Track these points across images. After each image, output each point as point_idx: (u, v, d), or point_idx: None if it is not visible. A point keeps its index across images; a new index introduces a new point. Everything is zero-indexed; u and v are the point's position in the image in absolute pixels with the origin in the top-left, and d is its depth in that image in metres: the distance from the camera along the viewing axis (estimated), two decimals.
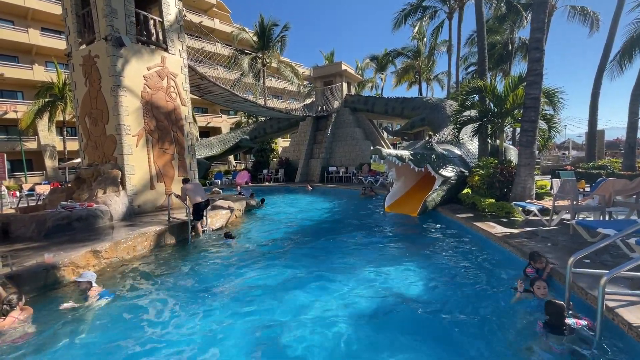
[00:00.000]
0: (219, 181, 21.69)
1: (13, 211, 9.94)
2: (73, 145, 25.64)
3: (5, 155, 10.09)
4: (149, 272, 5.51)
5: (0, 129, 27.64)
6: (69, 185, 10.51)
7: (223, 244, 7.16)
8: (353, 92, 24.77)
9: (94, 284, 4.48)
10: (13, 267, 4.73)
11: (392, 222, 8.93)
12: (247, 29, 30.90)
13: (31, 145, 27.39)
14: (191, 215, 7.52)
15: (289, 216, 10.67)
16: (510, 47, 23.95)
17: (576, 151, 36.41)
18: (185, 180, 8.42)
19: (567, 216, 6.18)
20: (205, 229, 7.96)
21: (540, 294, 3.65)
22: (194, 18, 31.85)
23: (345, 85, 23.00)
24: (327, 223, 9.39)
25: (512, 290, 4.09)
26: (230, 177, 23.15)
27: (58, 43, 27.77)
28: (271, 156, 25.26)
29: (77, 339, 3.52)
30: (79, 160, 12.46)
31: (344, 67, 22.59)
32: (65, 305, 4.13)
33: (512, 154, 11.90)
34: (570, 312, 3.25)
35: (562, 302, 3.12)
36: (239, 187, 16.80)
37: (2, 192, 12.91)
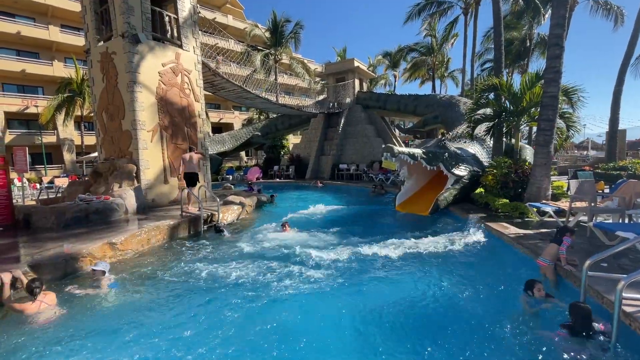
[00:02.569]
0: (231, 177, 21.94)
1: (34, 203, 10.32)
2: (90, 139, 26.37)
3: (26, 148, 10.43)
4: (161, 265, 5.63)
5: (22, 123, 28.62)
6: (86, 178, 10.83)
7: (235, 239, 7.25)
8: (365, 89, 24.59)
9: (107, 273, 4.70)
10: (34, 257, 4.93)
11: (403, 221, 8.86)
12: (260, 26, 30.99)
13: (51, 139, 28.29)
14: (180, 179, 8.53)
15: (298, 212, 10.70)
16: (528, 44, 23.27)
17: (595, 151, 35.30)
18: (190, 149, 9.02)
19: (585, 218, 6.02)
20: (219, 224, 8.07)
21: (540, 295, 3.71)
22: (208, 14, 32.12)
23: (357, 82, 22.83)
24: (336, 220, 9.35)
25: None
26: (242, 173, 23.39)
27: (77, 40, 28.52)
28: (282, 152, 25.37)
29: (90, 324, 3.69)
30: (96, 154, 12.81)
31: (356, 63, 22.40)
32: (73, 288, 4.45)
33: (528, 153, 11.61)
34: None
35: (587, 305, 3.11)
36: (250, 183, 16.94)
37: (24, 184, 13.40)
